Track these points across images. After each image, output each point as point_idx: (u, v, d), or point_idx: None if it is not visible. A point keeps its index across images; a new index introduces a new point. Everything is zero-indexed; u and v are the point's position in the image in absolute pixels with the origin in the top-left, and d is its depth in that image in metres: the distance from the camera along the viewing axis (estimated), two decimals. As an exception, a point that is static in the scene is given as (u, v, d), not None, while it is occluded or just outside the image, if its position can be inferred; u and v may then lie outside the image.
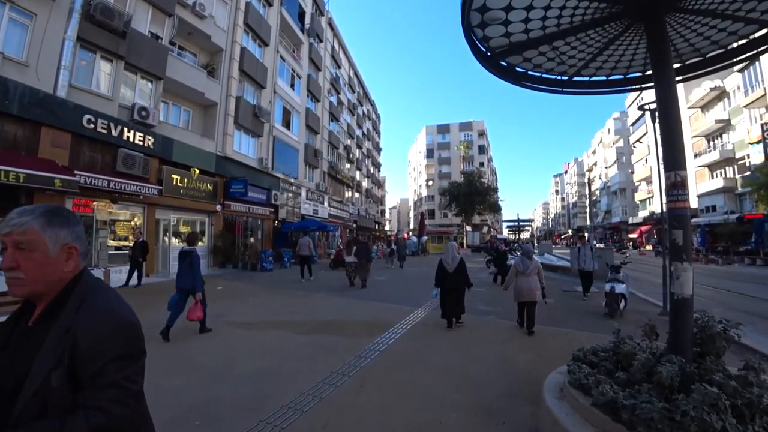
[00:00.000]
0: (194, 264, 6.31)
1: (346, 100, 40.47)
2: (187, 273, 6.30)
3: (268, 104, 22.93)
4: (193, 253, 6.41)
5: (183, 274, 6.35)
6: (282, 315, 7.94)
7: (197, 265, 6.40)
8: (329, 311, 8.24)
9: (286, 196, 24.19)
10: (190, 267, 6.29)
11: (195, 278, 6.27)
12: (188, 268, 6.30)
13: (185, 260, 6.36)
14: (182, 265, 6.40)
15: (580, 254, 10.80)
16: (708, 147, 35.99)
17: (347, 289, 11.86)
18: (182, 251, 6.52)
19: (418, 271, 18.38)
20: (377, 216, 56.59)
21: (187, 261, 6.33)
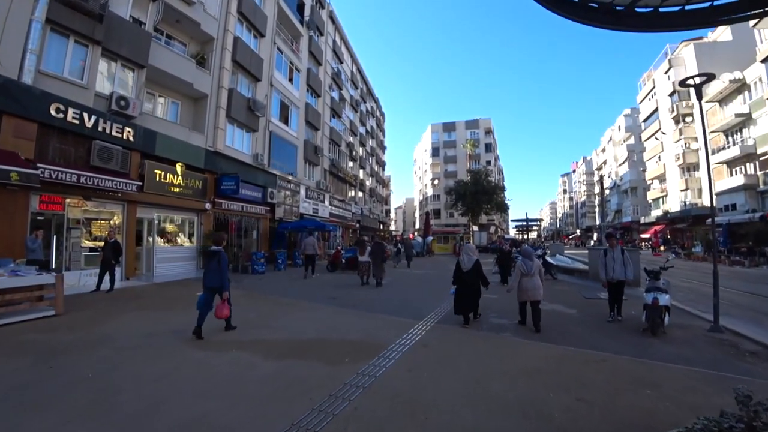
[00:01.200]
0: (222, 263, 6.45)
1: (348, 96, 39.27)
2: (215, 272, 6.45)
3: (264, 98, 21.76)
4: (220, 252, 6.55)
5: (211, 274, 6.48)
6: (256, 330, 6.68)
7: (224, 265, 6.52)
8: (314, 325, 6.98)
9: (283, 195, 23.00)
10: (218, 266, 6.44)
11: (222, 277, 6.41)
12: (216, 268, 6.44)
13: (213, 260, 6.52)
14: (210, 264, 6.57)
15: (608, 259, 7.98)
16: (726, 143, 34.28)
17: (343, 296, 10.62)
18: (210, 251, 6.73)
19: (423, 275, 17.10)
20: (382, 216, 55.35)
21: (215, 260, 6.49)
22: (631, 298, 10.12)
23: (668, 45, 42.90)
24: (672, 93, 41.27)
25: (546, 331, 6.66)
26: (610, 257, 8.09)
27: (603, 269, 8.01)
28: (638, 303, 8.98)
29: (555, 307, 8.92)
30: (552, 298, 10.30)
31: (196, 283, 12.82)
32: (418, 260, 28.47)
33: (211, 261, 6.53)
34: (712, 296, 7.17)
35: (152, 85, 15.82)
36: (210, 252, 6.69)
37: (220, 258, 6.47)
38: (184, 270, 15.82)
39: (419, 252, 32.61)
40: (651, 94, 47.26)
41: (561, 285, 13.23)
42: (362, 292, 11.60)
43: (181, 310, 8.35)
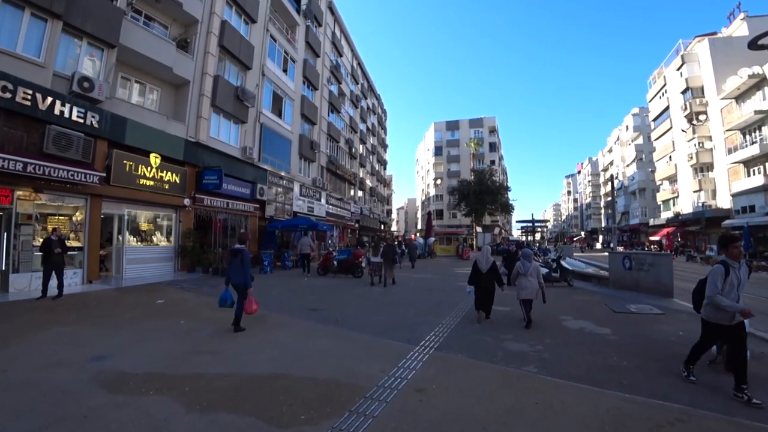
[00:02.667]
0: (245, 261, 6.67)
1: (348, 91, 37.74)
2: (238, 270, 6.64)
3: (255, 87, 20.28)
4: (244, 251, 6.76)
5: (235, 271, 6.67)
6: (199, 357, 5.09)
7: (248, 263, 6.74)
8: (276, 351, 5.38)
9: (275, 191, 21.49)
10: (241, 264, 6.64)
11: (246, 275, 6.64)
12: (239, 265, 6.64)
13: (237, 258, 6.69)
14: (234, 262, 6.72)
15: (730, 282, 4.36)
16: (744, 141, 32.58)
17: (327, 306, 9.07)
18: (234, 249, 6.87)
19: (423, 280, 15.54)
20: (383, 216, 53.79)
21: (238, 258, 6.67)
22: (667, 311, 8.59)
23: (681, 41, 41.25)
24: (685, 90, 39.51)
25: (584, 364, 5.08)
26: (733, 277, 4.36)
27: (725, 299, 4.30)
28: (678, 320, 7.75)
29: (583, 325, 7.35)
30: (575, 311, 8.76)
31: (169, 288, 11.42)
32: (419, 263, 26.89)
33: (235, 259, 6.71)
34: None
35: (127, 69, 14.40)
36: (233, 250, 6.85)
37: (243, 256, 6.68)
38: (160, 272, 14.33)
39: (420, 254, 31.06)
40: (662, 92, 45.50)
41: (580, 294, 11.67)
42: (352, 300, 10.09)
43: (126, 325, 6.83)
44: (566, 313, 8.47)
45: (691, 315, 8.46)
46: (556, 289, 12.69)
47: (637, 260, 11.85)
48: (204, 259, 15.22)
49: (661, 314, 8.52)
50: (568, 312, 8.67)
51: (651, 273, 11.28)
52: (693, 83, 38.71)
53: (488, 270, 7.90)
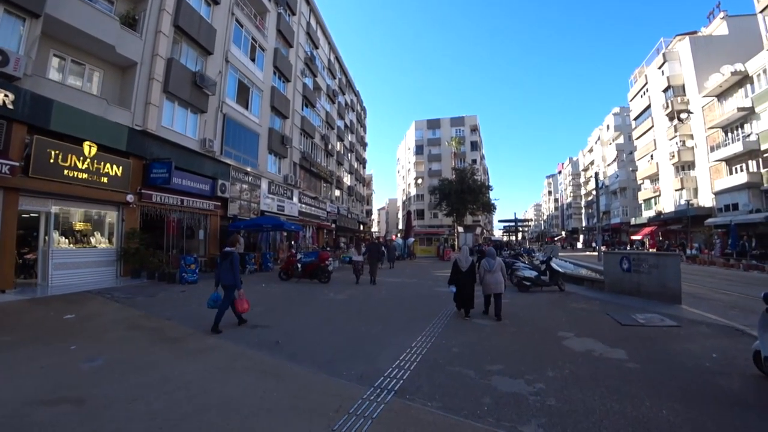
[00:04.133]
0: (234, 263, 6.84)
1: (324, 85, 36.06)
2: (228, 271, 6.82)
3: (218, 75, 18.52)
4: (233, 254, 6.91)
5: (225, 273, 6.84)
6: (39, 413, 3.50)
7: (237, 265, 6.89)
8: (158, 404, 3.71)
9: (239, 188, 19.73)
10: (231, 266, 6.82)
11: (235, 275, 6.81)
12: (229, 267, 6.82)
13: (226, 260, 6.85)
14: (223, 264, 6.88)
15: None
16: (726, 139, 32.17)
17: (269, 322, 7.50)
18: (224, 252, 7.01)
19: (397, 285, 14.08)
20: (362, 216, 52.19)
21: (228, 261, 6.84)
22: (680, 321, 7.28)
23: (662, 39, 40.85)
24: (666, 88, 39.10)
25: (608, 418, 3.62)
26: None
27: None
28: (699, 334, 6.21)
29: (590, 346, 5.96)
30: (575, 324, 7.39)
31: (95, 298, 9.59)
32: (397, 264, 25.50)
33: (224, 261, 6.90)
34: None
35: (61, 46, 12.57)
36: (223, 253, 7.02)
37: (233, 258, 6.87)
38: (98, 278, 12.50)
39: (399, 255, 29.66)
40: (643, 91, 45.10)
41: (575, 300, 10.35)
42: (306, 313, 8.56)
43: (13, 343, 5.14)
44: (565, 328, 7.10)
45: (711, 327, 7.26)
46: (547, 295, 11.41)
47: (638, 261, 10.60)
48: (150, 262, 13.39)
49: (677, 327, 7.23)
50: (567, 326, 7.31)
51: (654, 276, 10.06)
52: (674, 81, 38.33)
53: (468, 269, 8.38)
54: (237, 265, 6.89)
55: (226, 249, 7.05)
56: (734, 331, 6.90)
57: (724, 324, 7.40)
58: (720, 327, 7.22)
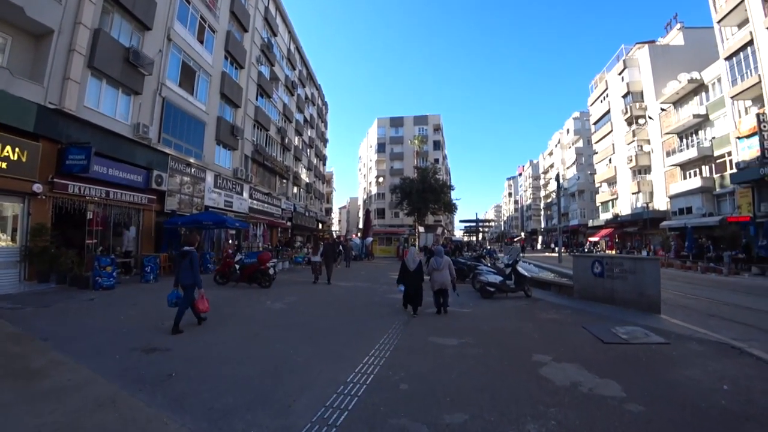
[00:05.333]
0: (194, 263, 6.68)
1: (282, 75, 34.18)
2: (187, 270, 6.67)
3: (158, 54, 16.56)
4: (192, 252, 6.76)
5: (184, 272, 6.69)
6: None
7: (196, 264, 6.74)
8: None
9: (179, 180, 17.78)
10: (190, 265, 6.66)
11: (195, 275, 6.66)
12: (188, 267, 6.67)
13: (186, 259, 6.70)
14: (183, 263, 6.73)
15: None
16: (681, 145, 33.15)
17: (173, 343, 6.02)
18: (182, 251, 6.86)
19: (348, 290, 12.84)
20: (320, 214, 50.46)
21: (187, 260, 6.69)
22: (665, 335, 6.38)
23: (623, 46, 41.85)
24: (625, 94, 40.10)
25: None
26: None
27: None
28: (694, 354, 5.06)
29: (574, 376, 4.87)
30: (550, 343, 6.36)
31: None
32: (354, 265, 24.28)
33: (184, 260, 6.72)
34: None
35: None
36: (182, 252, 6.84)
37: (192, 257, 6.70)
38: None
39: (357, 255, 28.43)
40: (603, 96, 46.13)
41: (544, 309, 9.41)
42: (227, 329, 7.10)
43: None
44: (540, 348, 6.05)
45: (702, 344, 6.47)
46: (513, 302, 10.47)
47: (612, 266, 9.80)
48: (62, 264, 11.38)
49: (666, 344, 6.37)
50: (542, 344, 6.28)
51: (630, 282, 9.29)
52: (633, 87, 39.32)
53: (415, 269, 8.75)
54: (197, 264, 6.76)
55: (185, 248, 6.91)
56: (730, 349, 6.11)
57: (715, 339, 6.62)
58: (712, 344, 6.42)
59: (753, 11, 24.06)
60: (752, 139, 24.38)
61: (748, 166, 24.57)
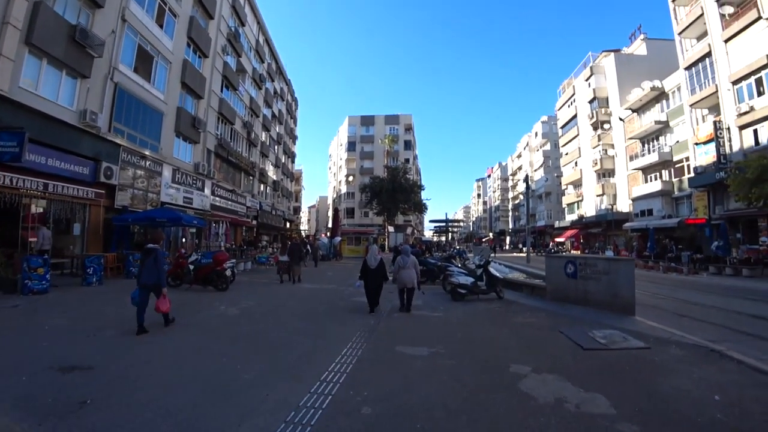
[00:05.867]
0: (159, 261, 6.48)
1: (250, 68, 32.89)
2: (151, 269, 6.43)
3: (110, 35, 15.31)
4: (157, 250, 6.54)
5: (147, 271, 6.44)
6: None
7: (162, 262, 6.55)
8: None
9: (132, 174, 16.51)
10: (155, 264, 6.44)
11: (160, 274, 6.47)
12: (152, 265, 6.44)
13: (149, 257, 6.47)
14: (146, 262, 6.49)
15: None
16: (642, 150, 34.27)
17: (97, 365, 5.07)
18: (146, 249, 6.60)
19: (311, 293, 12.10)
20: (288, 213, 49.17)
21: (151, 258, 6.47)
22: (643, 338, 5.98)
23: (590, 53, 42.82)
24: (592, 100, 41.15)
25: None
26: None
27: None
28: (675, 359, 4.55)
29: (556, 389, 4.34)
30: (527, 349, 5.88)
31: None
32: (321, 265, 23.51)
33: (148, 258, 6.47)
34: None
35: None
36: (146, 250, 6.58)
37: (157, 255, 6.48)
38: None
39: (324, 255, 27.61)
40: (571, 101, 47.17)
41: (518, 312, 8.97)
42: (167, 341, 6.24)
43: None
44: (517, 357, 5.53)
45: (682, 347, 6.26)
46: (485, 304, 10.01)
47: (585, 266, 9.48)
48: (-12, 264, 10.11)
49: (646, 348, 6.02)
50: (518, 352, 5.77)
51: (603, 283, 8.99)
52: (599, 93, 40.34)
53: (376, 266, 8.86)
54: (162, 263, 6.55)
55: (150, 245, 6.66)
56: (710, 353, 5.82)
57: (693, 343, 6.32)
58: (691, 347, 6.13)
59: (711, 25, 24.90)
60: (709, 145, 25.44)
61: (705, 171, 25.62)
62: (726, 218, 23.78)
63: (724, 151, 23.47)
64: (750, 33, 22.41)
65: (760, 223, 22.29)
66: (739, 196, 17.33)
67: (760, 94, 21.89)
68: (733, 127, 23.46)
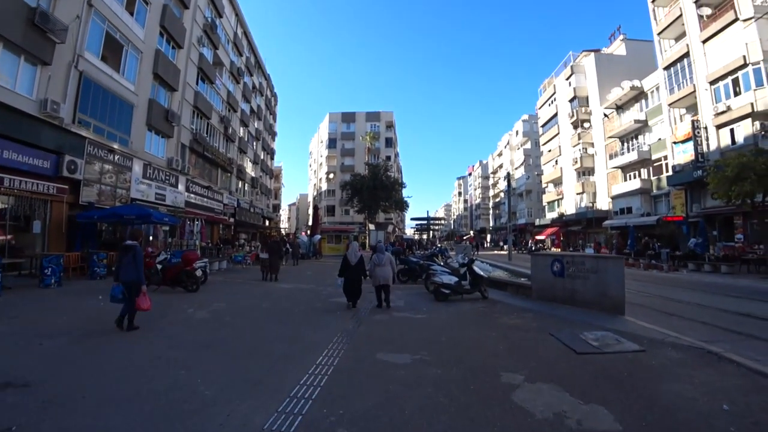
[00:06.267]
0: (137, 258, 6.36)
1: (228, 61, 31.92)
2: (130, 267, 6.31)
3: (75, 20, 14.40)
4: (136, 247, 6.44)
5: (126, 268, 6.32)
6: None
7: (140, 260, 6.43)
8: None
9: (99, 168, 15.62)
10: (133, 261, 6.32)
11: (138, 271, 6.35)
12: (131, 262, 6.32)
13: (128, 254, 6.35)
14: (124, 259, 6.36)
15: None
16: (622, 148, 34.71)
17: (37, 380, 4.57)
18: (125, 246, 6.48)
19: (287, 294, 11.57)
20: (267, 211, 48.21)
21: (130, 255, 6.34)
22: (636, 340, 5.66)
23: (571, 53, 43.12)
24: (572, 99, 41.49)
25: None
26: None
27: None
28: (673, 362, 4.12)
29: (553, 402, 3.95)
30: (518, 357, 5.45)
31: None
32: (301, 263, 22.97)
33: (126, 255, 6.35)
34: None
35: None
36: (125, 247, 6.45)
37: (136, 253, 6.37)
38: None
39: (304, 253, 26.99)
40: (551, 100, 47.50)
41: (504, 313, 8.61)
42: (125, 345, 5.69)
43: None
44: (508, 364, 5.14)
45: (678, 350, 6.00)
46: (470, 304, 9.66)
47: (572, 265, 9.19)
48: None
49: (641, 351, 5.72)
50: (508, 358, 5.38)
51: (591, 281, 8.71)
52: (580, 93, 40.67)
53: (357, 262, 8.93)
54: (141, 260, 6.43)
55: (128, 242, 6.53)
56: (707, 355, 5.57)
57: (688, 344, 6.06)
58: (687, 349, 5.86)
59: (690, 25, 25.20)
60: (687, 144, 25.82)
61: (683, 169, 26.03)
62: (703, 216, 24.17)
63: (701, 149, 23.86)
64: (727, 34, 22.72)
65: (736, 220, 22.70)
66: (718, 193, 17.43)
67: (736, 94, 22.21)
68: (710, 126, 23.81)
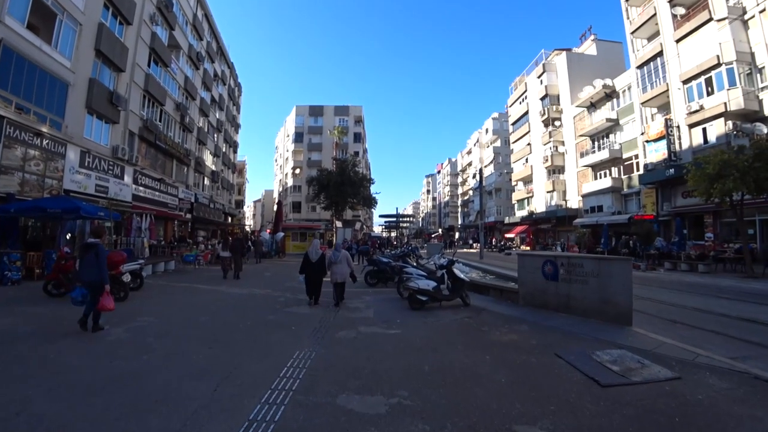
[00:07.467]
0: (100, 257, 6.10)
1: (185, 44, 29.53)
2: (92, 266, 6.06)
3: (-9, -20, 12.18)
4: (99, 245, 6.20)
5: (88, 267, 6.10)
6: None
7: (103, 258, 6.16)
8: None
9: (23, 154, 13.43)
10: (96, 260, 6.07)
11: (101, 270, 6.09)
12: (93, 261, 6.07)
13: (89, 253, 6.13)
14: (86, 258, 6.15)
15: None
16: (593, 147, 34.73)
17: None
18: (86, 244, 6.33)
19: (238, 300, 10.16)
20: (229, 207, 45.69)
21: (91, 253, 6.11)
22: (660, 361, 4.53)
23: (543, 50, 42.98)
24: (543, 97, 41.48)
25: None
26: None
27: None
28: (717, 393, 3.86)
29: None
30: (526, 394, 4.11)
31: None
32: (262, 262, 21.27)
33: (88, 254, 6.13)
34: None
35: None
36: (85, 245, 6.29)
37: (99, 251, 6.12)
38: None
39: (267, 251, 25.26)
40: (522, 98, 47.40)
41: (493, 325, 7.35)
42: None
43: None
44: (516, 406, 3.84)
45: (717, 374, 4.96)
46: (452, 314, 8.44)
47: (568, 267, 8.05)
48: None
49: (676, 379, 4.59)
50: (515, 399, 4.05)
51: (591, 286, 7.59)
52: (551, 91, 40.67)
53: (317, 260, 9.15)
54: (104, 259, 6.10)
55: (90, 241, 6.28)
56: (756, 381, 4.52)
57: (727, 367, 4.98)
58: (730, 375, 4.76)
59: (663, 25, 25.09)
60: (659, 143, 25.81)
61: (655, 168, 26.02)
62: (673, 214, 24.19)
63: (674, 148, 23.80)
64: (701, 34, 22.65)
65: (707, 219, 22.70)
66: (698, 191, 17.04)
67: (709, 93, 22.15)
68: (683, 125, 23.77)
